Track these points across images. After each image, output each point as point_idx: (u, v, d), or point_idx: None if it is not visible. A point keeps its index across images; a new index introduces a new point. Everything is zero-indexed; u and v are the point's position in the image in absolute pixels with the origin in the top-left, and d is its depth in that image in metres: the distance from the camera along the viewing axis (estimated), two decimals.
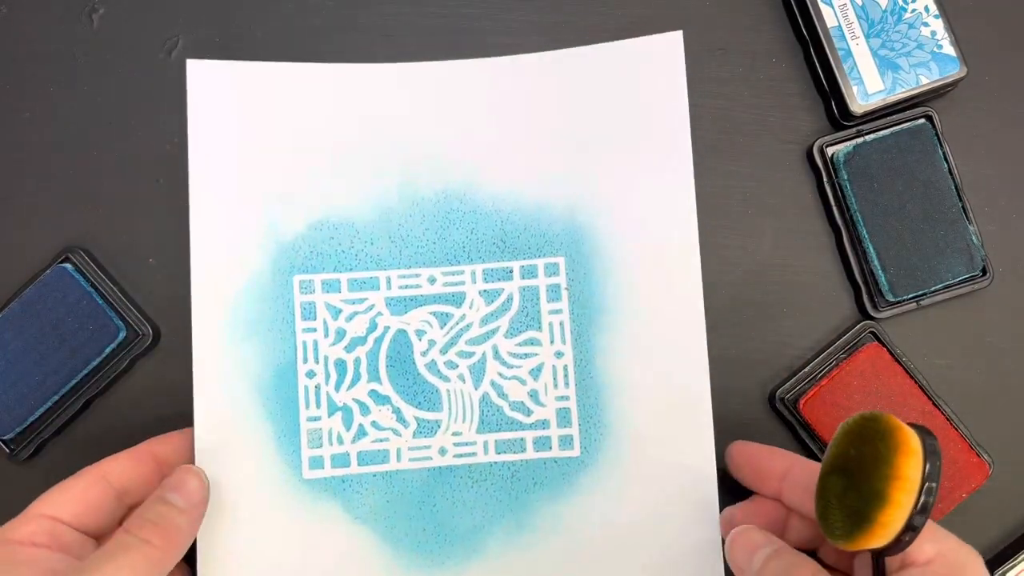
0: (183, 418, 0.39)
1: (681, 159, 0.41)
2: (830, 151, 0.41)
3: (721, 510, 0.39)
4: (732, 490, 0.39)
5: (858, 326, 0.40)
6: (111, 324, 0.36)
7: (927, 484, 0.28)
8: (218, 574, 0.39)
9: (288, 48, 0.42)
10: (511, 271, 0.42)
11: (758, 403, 0.42)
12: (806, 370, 0.41)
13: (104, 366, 0.39)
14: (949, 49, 0.39)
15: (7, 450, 0.39)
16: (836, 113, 0.41)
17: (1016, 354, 0.40)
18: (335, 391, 0.41)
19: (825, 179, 0.41)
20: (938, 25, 0.39)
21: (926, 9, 0.39)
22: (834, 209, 0.41)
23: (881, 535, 0.29)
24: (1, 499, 0.39)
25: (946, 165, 0.39)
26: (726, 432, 0.40)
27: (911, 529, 0.29)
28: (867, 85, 0.40)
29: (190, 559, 0.39)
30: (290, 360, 0.41)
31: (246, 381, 0.40)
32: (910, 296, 0.39)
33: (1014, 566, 0.40)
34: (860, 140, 0.41)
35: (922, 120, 0.40)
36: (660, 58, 0.41)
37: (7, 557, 0.34)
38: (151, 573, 0.34)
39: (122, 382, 0.40)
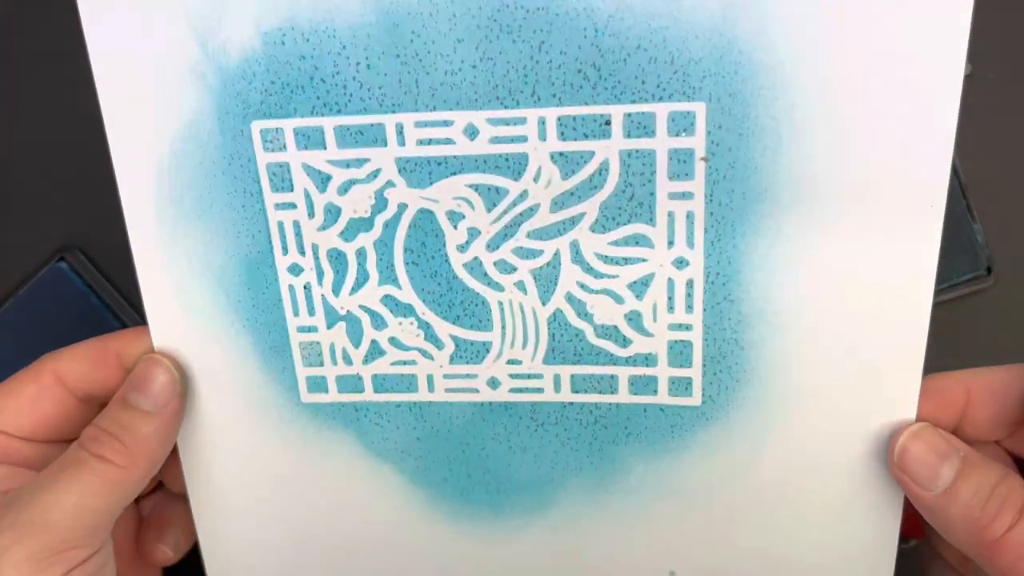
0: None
1: None
2: None
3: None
4: None
5: None
6: (107, 324, 0.35)
7: None
8: (210, 500, 0.31)
9: None
10: (607, 121, 0.24)
11: None
12: None
13: None
14: None
15: None
16: None
17: (1021, 353, 0.36)
18: (333, 294, 0.27)
19: None
20: None
21: None
22: None
23: None
24: None
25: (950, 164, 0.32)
26: None
27: None
28: None
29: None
30: (263, 248, 0.27)
31: (204, 277, 0.27)
32: None
33: None
34: None
35: None
36: None
37: None
38: (112, 496, 0.27)
39: None
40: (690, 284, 0.25)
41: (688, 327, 0.26)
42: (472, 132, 0.25)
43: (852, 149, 0.23)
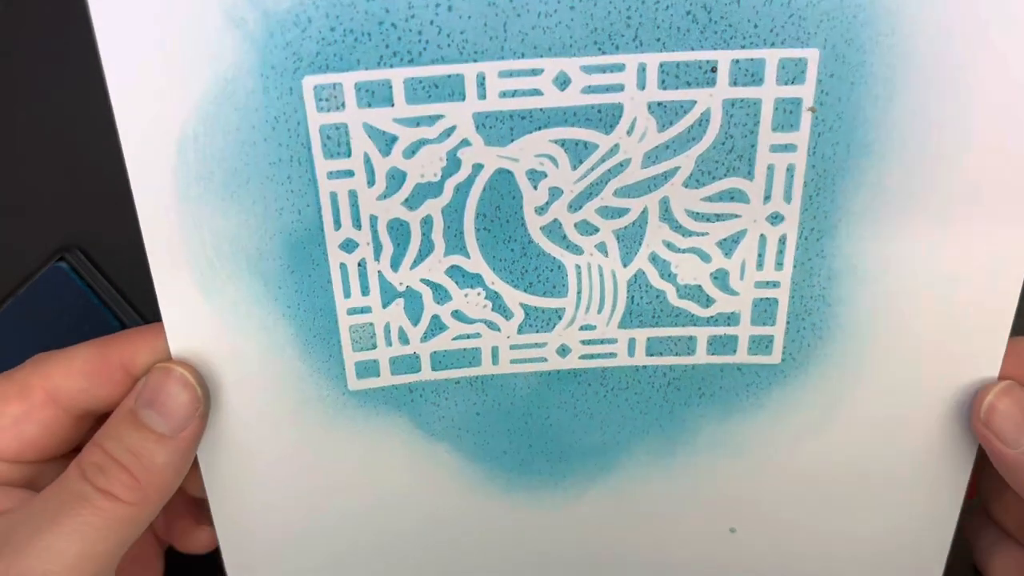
0: None
1: None
2: None
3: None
4: None
5: None
6: (108, 324, 0.34)
7: None
8: (236, 516, 0.27)
9: None
10: (713, 68, 0.22)
11: None
12: None
13: None
14: None
15: None
16: None
17: None
18: (392, 269, 0.24)
19: None
20: None
21: None
22: None
23: None
24: None
25: None
26: None
27: None
28: None
29: None
30: (311, 225, 0.23)
31: (236, 263, 0.24)
32: None
33: None
34: None
35: None
36: None
37: None
38: (119, 537, 0.23)
39: None
40: (782, 240, 0.24)
41: (775, 284, 0.25)
42: (563, 82, 0.22)
43: (964, 101, 0.22)
